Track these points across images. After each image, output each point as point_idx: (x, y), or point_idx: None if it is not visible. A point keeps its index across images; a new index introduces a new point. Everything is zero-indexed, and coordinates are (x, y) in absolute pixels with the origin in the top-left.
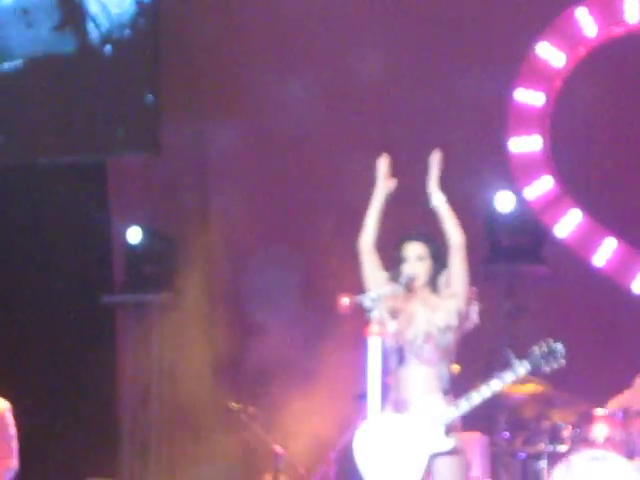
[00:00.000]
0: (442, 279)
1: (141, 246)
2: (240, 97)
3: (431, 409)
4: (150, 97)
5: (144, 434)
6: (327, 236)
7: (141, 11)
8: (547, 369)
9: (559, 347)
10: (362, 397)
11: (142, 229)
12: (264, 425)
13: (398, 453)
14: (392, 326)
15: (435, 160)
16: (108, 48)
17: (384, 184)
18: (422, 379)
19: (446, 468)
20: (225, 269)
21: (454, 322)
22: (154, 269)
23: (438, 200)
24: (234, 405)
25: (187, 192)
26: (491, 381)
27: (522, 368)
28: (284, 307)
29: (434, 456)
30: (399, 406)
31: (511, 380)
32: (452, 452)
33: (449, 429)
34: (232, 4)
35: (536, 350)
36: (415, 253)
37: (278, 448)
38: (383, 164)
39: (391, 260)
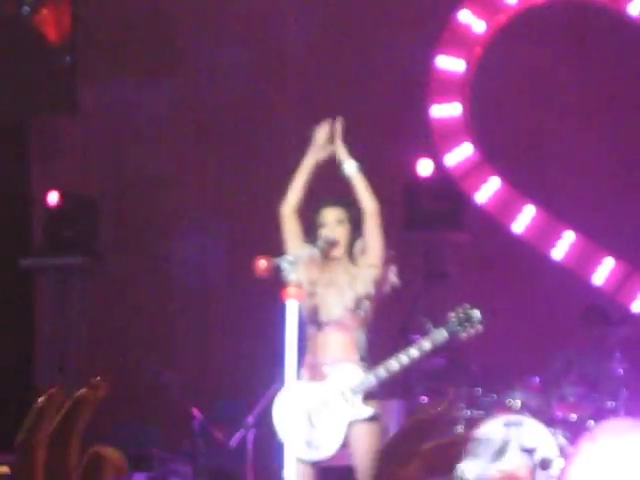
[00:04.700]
0: (358, 247)
1: (60, 209)
2: (163, 59)
3: (350, 377)
4: (68, 58)
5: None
6: (253, 201)
7: None
8: (464, 335)
9: (475, 313)
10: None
11: (61, 192)
12: (184, 388)
13: (317, 420)
14: (311, 291)
15: (338, 129)
16: (25, 9)
17: (319, 151)
18: (340, 345)
19: (364, 435)
20: (148, 234)
21: (372, 291)
22: (73, 232)
23: (349, 168)
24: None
25: (109, 154)
26: (409, 349)
27: (439, 335)
28: (210, 271)
29: (352, 423)
30: (316, 370)
31: (429, 348)
32: (370, 419)
33: (367, 396)
34: None
35: (453, 316)
36: (334, 217)
37: (196, 412)
38: (322, 131)
39: (311, 226)
